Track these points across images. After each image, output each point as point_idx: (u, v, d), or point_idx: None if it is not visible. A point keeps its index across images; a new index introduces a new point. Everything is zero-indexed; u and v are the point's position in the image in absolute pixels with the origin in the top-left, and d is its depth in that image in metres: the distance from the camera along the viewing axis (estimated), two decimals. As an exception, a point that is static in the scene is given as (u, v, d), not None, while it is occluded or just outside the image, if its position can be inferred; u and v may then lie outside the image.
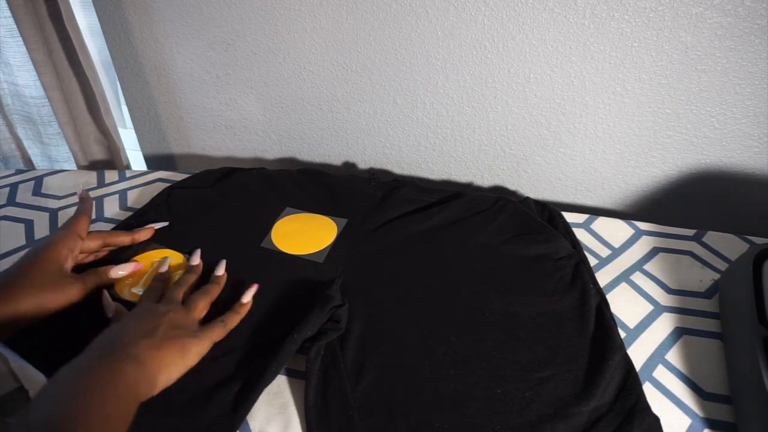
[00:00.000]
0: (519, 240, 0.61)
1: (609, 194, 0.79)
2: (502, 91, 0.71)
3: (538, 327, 0.51)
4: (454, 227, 0.63)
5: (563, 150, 0.75)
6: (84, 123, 0.88)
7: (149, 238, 0.60)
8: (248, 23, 0.76)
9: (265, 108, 0.86)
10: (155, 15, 0.80)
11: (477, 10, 0.65)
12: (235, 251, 0.59)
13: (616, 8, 0.60)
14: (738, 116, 0.64)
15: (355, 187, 0.70)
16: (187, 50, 0.83)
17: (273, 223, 0.64)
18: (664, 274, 0.60)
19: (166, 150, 1.00)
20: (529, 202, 0.68)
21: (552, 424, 0.42)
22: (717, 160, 0.69)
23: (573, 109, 0.70)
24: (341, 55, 0.76)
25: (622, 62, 0.64)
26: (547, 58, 0.66)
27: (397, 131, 0.82)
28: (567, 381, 0.46)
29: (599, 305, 0.53)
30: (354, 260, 0.58)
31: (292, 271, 0.57)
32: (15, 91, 0.90)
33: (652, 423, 0.43)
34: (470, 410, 0.43)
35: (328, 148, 0.89)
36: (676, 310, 0.55)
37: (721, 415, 0.45)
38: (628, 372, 0.46)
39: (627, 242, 0.65)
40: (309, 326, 0.48)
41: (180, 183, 0.71)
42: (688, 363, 0.50)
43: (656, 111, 0.67)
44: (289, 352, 0.46)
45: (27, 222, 0.65)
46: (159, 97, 0.91)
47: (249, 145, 0.93)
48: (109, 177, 0.75)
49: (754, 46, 0.58)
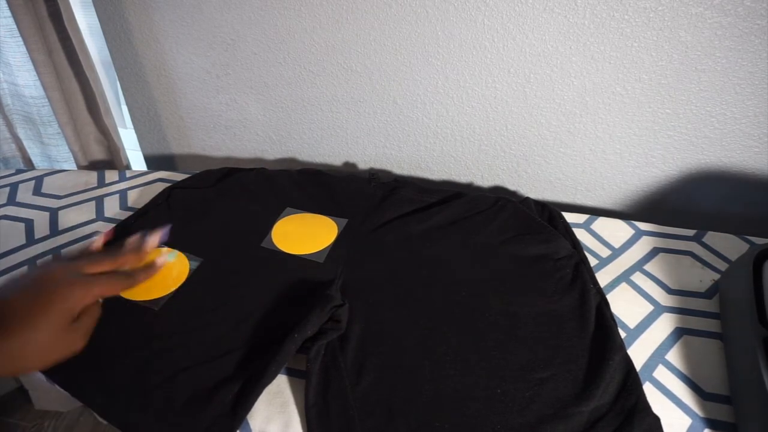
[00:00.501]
0: (519, 240, 0.61)
1: (609, 194, 0.79)
2: (502, 91, 0.71)
3: (538, 327, 0.51)
4: (454, 227, 0.63)
5: (563, 150, 0.75)
6: (84, 123, 0.88)
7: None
8: (248, 23, 0.76)
9: (265, 108, 0.86)
10: (155, 15, 0.80)
11: (477, 10, 0.65)
12: (235, 251, 0.59)
13: (616, 8, 0.60)
14: (738, 116, 0.64)
15: (355, 187, 0.70)
16: (187, 50, 0.83)
17: (273, 223, 0.64)
18: (665, 274, 0.60)
19: (166, 150, 1.00)
20: (529, 202, 0.68)
21: (552, 424, 0.42)
22: (717, 160, 0.69)
23: (573, 109, 0.70)
24: (341, 55, 0.76)
25: (622, 62, 0.64)
26: (547, 58, 0.66)
27: (397, 131, 0.82)
28: (567, 381, 0.46)
29: (599, 305, 0.53)
30: (354, 260, 0.58)
31: (292, 271, 0.57)
32: (15, 91, 0.90)
33: (653, 423, 0.43)
34: (470, 410, 0.43)
35: (328, 148, 0.89)
36: (676, 310, 0.55)
37: (721, 415, 0.45)
38: (629, 372, 0.46)
39: (627, 242, 0.65)
40: (309, 326, 0.48)
41: (180, 183, 0.71)
42: (688, 363, 0.50)
43: (656, 111, 0.67)
44: (290, 352, 0.46)
45: (27, 221, 0.65)
46: (159, 97, 0.91)
47: (249, 145, 0.93)
48: (109, 177, 0.75)
49: (754, 46, 0.58)
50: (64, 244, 0.62)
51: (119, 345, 0.48)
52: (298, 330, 0.47)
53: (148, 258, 0.57)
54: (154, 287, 0.54)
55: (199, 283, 0.55)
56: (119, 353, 0.47)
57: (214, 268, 0.57)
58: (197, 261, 0.58)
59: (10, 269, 0.58)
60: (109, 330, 0.49)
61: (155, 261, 0.47)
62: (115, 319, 0.51)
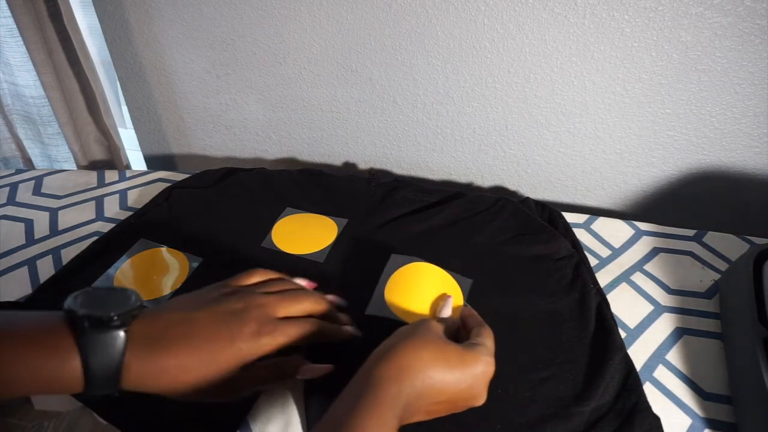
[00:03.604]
0: (519, 240, 0.61)
1: (609, 194, 0.79)
2: (502, 91, 0.71)
3: (538, 327, 0.51)
4: (454, 227, 0.63)
5: (563, 150, 0.75)
6: (84, 123, 0.88)
7: (149, 239, 0.60)
8: (248, 23, 0.76)
9: (265, 108, 0.86)
10: (155, 15, 0.80)
11: (477, 10, 0.65)
12: (235, 251, 0.59)
13: (616, 8, 0.60)
14: (738, 116, 0.64)
15: (355, 188, 0.70)
16: (187, 50, 0.83)
17: (273, 223, 0.64)
18: (665, 274, 0.60)
19: (166, 150, 1.00)
20: (529, 202, 0.68)
21: (552, 424, 0.42)
22: (717, 160, 0.69)
23: (573, 109, 0.70)
24: (341, 55, 0.76)
25: (622, 62, 0.64)
26: (547, 58, 0.66)
27: (397, 131, 0.82)
28: (567, 381, 0.46)
29: (599, 305, 0.53)
30: (354, 260, 0.58)
31: (293, 271, 0.57)
32: (15, 91, 0.90)
33: (653, 423, 0.43)
34: (470, 410, 0.43)
35: (328, 148, 0.89)
36: (676, 311, 0.55)
37: (721, 415, 0.45)
38: (629, 372, 0.46)
39: (627, 242, 0.65)
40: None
41: (180, 183, 0.71)
42: (688, 363, 0.50)
43: (656, 111, 0.67)
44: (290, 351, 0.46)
45: (27, 221, 0.65)
46: (159, 97, 0.91)
47: (249, 145, 0.93)
48: (109, 177, 0.75)
49: (754, 46, 0.58)
50: (64, 244, 0.62)
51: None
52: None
53: (147, 258, 0.57)
54: (154, 287, 0.54)
55: (199, 283, 0.55)
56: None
57: (214, 268, 0.57)
58: (197, 261, 0.58)
59: (10, 269, 0.58)
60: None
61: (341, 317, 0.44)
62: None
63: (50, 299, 0.52)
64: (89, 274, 0.55)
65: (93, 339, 0.30)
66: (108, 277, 0.55)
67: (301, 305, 0.40)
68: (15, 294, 0.54)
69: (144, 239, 0.60)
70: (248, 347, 0.35)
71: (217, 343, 0.34)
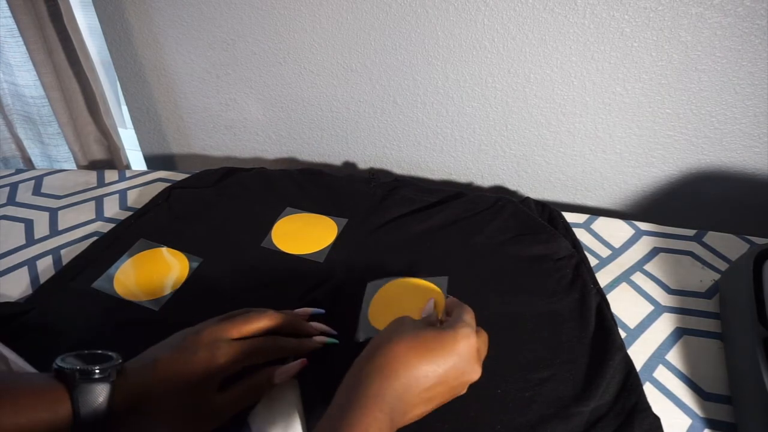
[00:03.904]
0: (519, 240, 0.61)
1: (609, 194, 0.79)
2: (502, 91, 0.71)
3: (538, 327, 0.50)
4: (454, 227, 0.63)
5: (563, 150, 0.75)
6: (84, 123, 0.88)
7: (149, 239, 0.60)
8: (248, 23, 0.76)
9: (265, 108, 0.86)
10: (155, 15, 0.80)
11: (477, 10, 0.65)
12: (235, 251, 0.59)
13: (616, 8, 0.60)
14: (738, 116, 0.64)
15: (355, 188, 0.70)
16: (187, 50, 0.83)
17: (273, 223, 0.64)
18: (665, 274, 0.60)
19: (166, 150, 1.00)
20: (529, 202, 0.68)
21: (552, 424, 0.42)
22: (717, 160, 0.69)
23: (573, 109, 0.70)
24: (341, 55, 0.76)
25: (622, 62, 0.64)
26: (547, 58, 0.66)
27: (397, 131, 0.82)
28: (567, 381, 0.45)
29: (599, 305, 0.53)
30: (354, 260, 0.58)
31: (292, 271, 0.57)
32: (15, 91, 0.90)
33: (653, 423, 0.43)
34: (470, 410, 0.43)
35: (328, 148, 0.89)
36: (676, 311, 0.55)
37: (721, 415, 0.45)
38: (629, 372, 0.46)
39: (627, 242, 0.65)
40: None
41: (180, 183, 0.71)
42: (688, 363, 0.50)
43: (656, 111, 0.67)
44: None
45: (27, 221, 0.65)
46: (159, 97, 0.91)
47: (249, 145, 0.93)
48: (109, 177, 0.75)
49: (754, 46, 0.58)
50: (64, 244, 0.62)
51: (119, 345, 0.48)
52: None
53: (147, 259, 0.57)
54: (154, 287, 0.54)
55: (199, 283, 0.55)
56: (119, 353, 0.47)
57: (214, 268, 0.57)
58: (197, 261, 0.57)
59: (10, 269, 0.58)
60: (108, 330, 0.49)
61: (315, 338, 0.46)
62: (115, 319, 0.51)
63: (50, 299, 0.52)
64: (89, 274, 0.55)
65: (83, 389, 0.34)
66: (108, 277, 0.55)
67: (253, 325, 0.42)
68: (15, 294, 0.54)
69: (144, 239, 0.60)
70: (209, 371, 0.38)
71: (184, 377, 0.37)
